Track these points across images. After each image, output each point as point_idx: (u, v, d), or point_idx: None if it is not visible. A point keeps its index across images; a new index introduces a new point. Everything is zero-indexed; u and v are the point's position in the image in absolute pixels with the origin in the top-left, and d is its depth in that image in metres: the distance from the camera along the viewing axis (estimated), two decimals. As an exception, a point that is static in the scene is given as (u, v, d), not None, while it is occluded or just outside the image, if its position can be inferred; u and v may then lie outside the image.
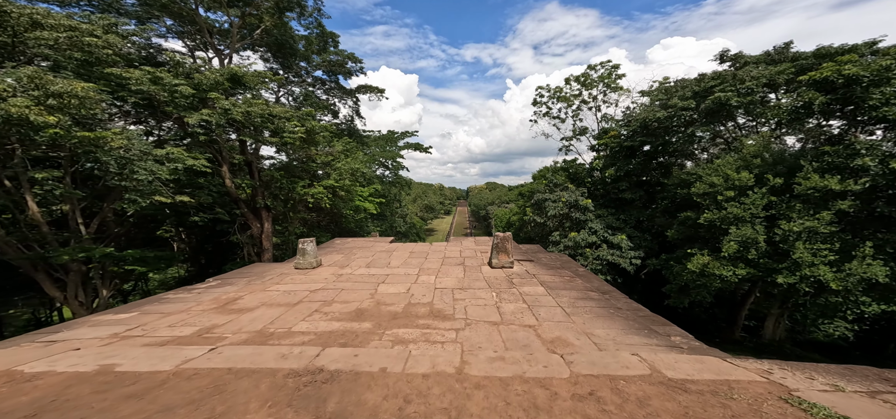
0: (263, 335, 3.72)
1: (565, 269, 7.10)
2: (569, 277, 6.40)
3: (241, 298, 4.89)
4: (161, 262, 14.54)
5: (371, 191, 26.38)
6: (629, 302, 5.14)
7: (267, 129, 12.69)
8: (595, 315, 4.58)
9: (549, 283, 6.02)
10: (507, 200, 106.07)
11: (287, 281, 5.93)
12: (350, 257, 8.09)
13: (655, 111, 15.96)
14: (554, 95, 25.58)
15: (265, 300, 4.87)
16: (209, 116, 10.48)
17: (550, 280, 6.23)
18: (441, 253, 8.72)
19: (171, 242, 19.85)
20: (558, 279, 6.29)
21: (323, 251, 8.69)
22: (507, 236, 6.97)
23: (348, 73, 26.03)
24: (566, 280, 6.26)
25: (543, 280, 6.24)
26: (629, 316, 4.55)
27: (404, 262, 7.62)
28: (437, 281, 6.18)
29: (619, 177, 18.64)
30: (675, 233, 14.74)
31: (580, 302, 5.14)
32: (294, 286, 5.62)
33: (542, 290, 5.65)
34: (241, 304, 4.62)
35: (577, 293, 5.54)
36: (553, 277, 6.41)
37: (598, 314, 4.61)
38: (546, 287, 5.84)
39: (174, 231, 18.46)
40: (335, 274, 6.50)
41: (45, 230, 11.84)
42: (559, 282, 6.09)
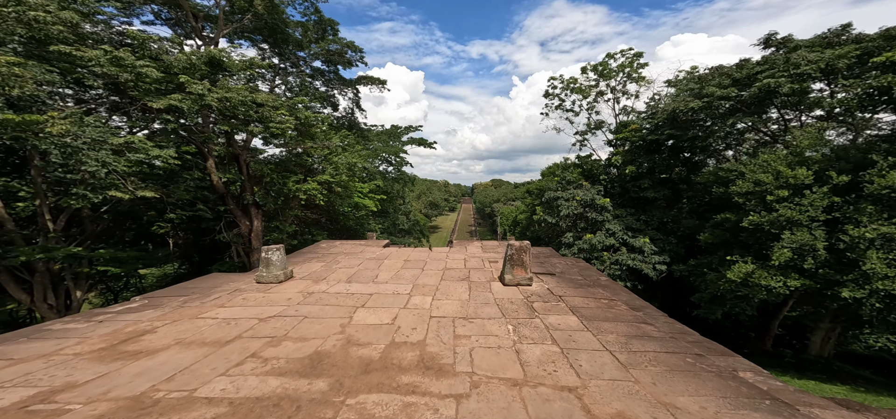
0: (139, 406, 2.31)
1: (598, 287, 5.56)
2: (607, 300, 4.87)
3: (152, 332, 3.49)
4: (138, 262, 13.41)
5: (371, 187, 25.02)
6: (709, 343, 3.60)
7: (250, 118, 11.36)
8: (667, 368, 3.05)
9: (583, 310, 4.50)
10: (513, 197, 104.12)
11: (236, 302, 4.52)
12: (331, 266, 6.68)
13: (687, 101, 14.14)
14: (567, 86, 23.78)
15: (186, 335, 3.47)
16: (179, 102, 9.16)
17: (583, 304, 4.71)
18: (441, 262, 7.25)
19: (167, 239, 18.84)
20: (593, 302, 4.77)
21: (300, 258, 7.29)
22: (524, 246, 5.45)
23: (348, 64, 24.58)
24: (604, 304, 4.72)
25: (574, 304, 4.72)
26: (722, 368, 3.01)
27: (395, 275, 6.17)
28: (435, 304, 4.71)
29: (641, 174, 16.89)
30: (708, 236, 12.99)
31: (636, 341, 3.61)
32: (241, 311, 4.20)
33: (576, 322, 4.14)
34: (145, 343, 3.22)
35: (626, 325, 4.01)
36: (586, 300, 4.88)
37: (670, 366, 3.08)
38: (580, 315, 4.33)
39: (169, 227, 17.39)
40: (304, 291, 5.08)
41: (10, 227, 10.75)
42: (596, 308, 4.56)
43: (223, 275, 5.85)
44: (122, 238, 16.83)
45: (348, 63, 24.00)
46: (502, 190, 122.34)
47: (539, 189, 38.66)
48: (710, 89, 13.53)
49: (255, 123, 11.68)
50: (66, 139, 7.29)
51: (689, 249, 15.67)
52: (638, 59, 20.38)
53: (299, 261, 7.07)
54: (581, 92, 22.80)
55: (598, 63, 21.54)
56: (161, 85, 9.50)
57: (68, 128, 7.16)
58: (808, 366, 14.28)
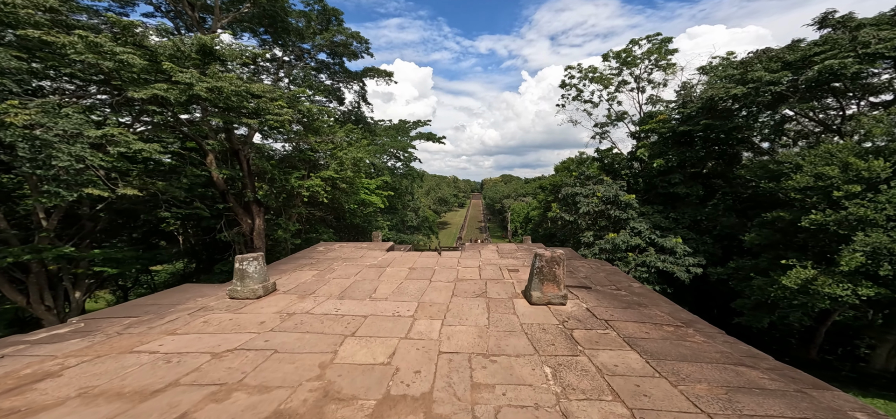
0: None
1: (650, 305, 4.39)
2: (670, 324, 3.70)
3: (55, 376, 2.56)
4: (136, 262, 12.91)
5: (379, 183, 24.15)
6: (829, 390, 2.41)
7: (245, 109, 10.53)
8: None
9: (644, 342, 3.35)
10: (523, 193, 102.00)
11: (194, 326, 3.58)
12: (323, 277, 5.71)
13: (728, 88, 12.51)
14: (586, 76, 22.17)
15: (99, 381, 2.53)
16: (165, 92, 8.37)
17: (640, 332, 3.56)
18: (452, 271, 6.18)
19: (176, 237, 18.51)
20: (654, 330, 3.61)
21: (290, 265, 6.36)
22: (556, 256, 4.32)
23: (354, 55, 23.68)
24: (669, 331, 3.56)
25: (628, 332, 3.57)
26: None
27: (397, 289, 5.15)
28: (445, 333, 3.66)
29: (671, 167, 15.34)
30: (755, 236, 11.45)
31: (743, 396, 2.47)
32: (194, 341, 3.25)
33: (640, 362, 3.01)
34: (34, 396, 2.29)
35: (717, 368, 2.86)
36: (643, 326, 3.73)
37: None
38: (641, 351, 3.19)
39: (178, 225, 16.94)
40: (283, 311, 4.11)
41: (2, 225, 10.31)
42: (661, 339, 3.41)
43: (196, 286, 4.96)
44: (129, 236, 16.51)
45: (354, 55, 23.08)
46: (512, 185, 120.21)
47: (553, 184, 37.02)
48: (757, 74, 11.87)
49: (251, 115, 10.86)
50: (36, 131, 6.55)
51: (727, 250, 14.10)
52: (666, 45, 18.62)
53: (288, 268, 6.14)
54: (601, 81, 21.16)
55: (621, 50, 19.87)
56: (148, 74, 8.75)
57: (37, 119, 6.42)
58: (870, 380, 12.57)
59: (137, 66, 8.32)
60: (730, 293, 14.52)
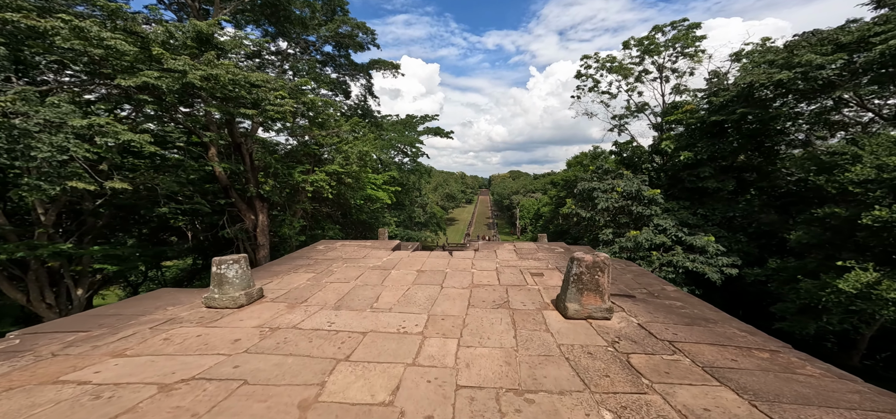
0: None
1: (719, 321, 3.50)
2: (760, 348, 2.81)
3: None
4: (139, 260, 12.58)
5: (385, 178, 23.51)
6: None
7: (243, 99, 9.91)
8: None
9: (732, 373, 2.48)
10: (532, 189, 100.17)
11: (151, 345, 2.89)
12: (320, 280, 5.00)
13: (771, 73, 11.24)
14: (604, 65, 20.91)
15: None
16: (157, 80, 7.80)
17: (722, 358, 2.69)
18: (466, 274, 5.39)
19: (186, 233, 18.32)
20: (739, 355, 2.73)
21: (285, 266, 5.68)
22: (600, 261, 3.47)
23: (359, 47, 22.98)
24: (763, 358, 2.68)
25: (706, 359, 2.70)
26: None
27: (404, 297, 4.38)
28: (463, 357, 2.87)
29: (700, 160, 14.11)
30: (801, 235, 10.26)
31: None
32: (143, 366, 2.55)
33: (738, 401, 2.15)
34: None
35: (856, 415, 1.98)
36: (719, 348, 2.85)
37: None
38: (735, 386, 2.33)
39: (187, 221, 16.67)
40: (266, 325, 3.39)
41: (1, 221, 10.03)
42: (754, 368, 2.53)
43: (172, 292, 4.31)
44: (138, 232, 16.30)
45: (359, 46, 22.39)
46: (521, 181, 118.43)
47: (565, 180, 35.77)
48: (807, 57, 10.57)
49: (251, 106, 10.24)
50: (15, 121, 6.03)
51: (764, 250, 12.86)
52: (693, 32, 17.21)
53: (281, 270, 5.46)
54: (620, 71, 19.89)
55: (643, 37, 18.55)
56: (141, 62, 8.20)
57: (16, 107, 5.90)
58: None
59: (129, 53, 7.77)
60: (762, 295, 13.30)
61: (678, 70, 17.75)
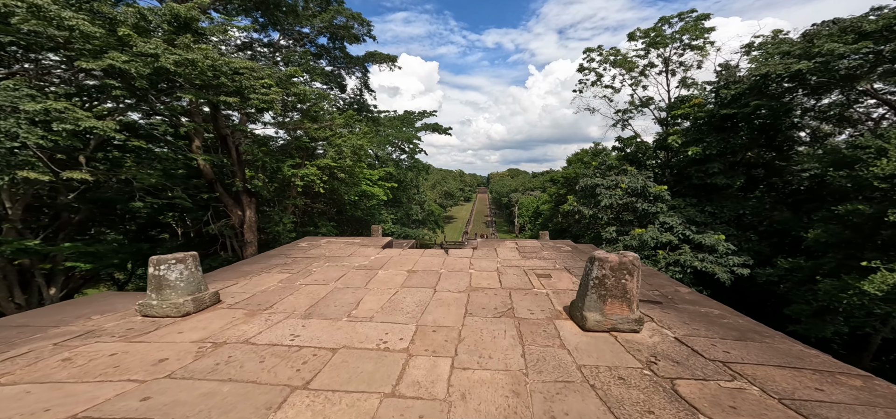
0: None
1: (765, 334, 2.86)
2: (843, 372, 2.17)
3: None
4: (116, 256, 11.84)
5: (381, 174, 22.80)
6: None
7: (224, 87, 9.17)
8: None
9: (824, 408, 1.83)
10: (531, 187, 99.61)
11: (45, 366, 2.21)
12: (294, 282, 4.33)
13: (788, 63, 10.60)
14: (607, 59, 20.25)
15: None
16: (126, 64, 7.08)
17: (802, 387, 2.03)
18: (463, 276, 4.73)
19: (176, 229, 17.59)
20: (826, 382, 2.07)
21: (258, 265, 5.01)
22: (627, 262, 2.81)
23: (355, 39, 22.22)
24: (855, 386, 2.02)
25: (780, 388, 2.04)
26: None
27: (389, 302, 3.72)
28: (457, 381, 2.21)
29: (709, 156, 13.49)
30: (820, 233, 9.67)
31: None
32: (14, 401, 1.87)
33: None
34: None
35: None
36: (792, 372, 2.20)
37: None
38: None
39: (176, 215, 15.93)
40: (208, 339, 2.72)
41: (-37, 215, 9.27)
42: (851, 401, 1.88)
43: (108, 297, 3.63)
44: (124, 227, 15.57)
45: (355, 38, 21.64)
46: (519, 180, 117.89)
47: (566, 177, 35.17)
48: (829, 46, 9.93)
49: (232, 94, 9.51)
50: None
51: (776, 249, 12.28)
52: (701, 23, 16.53)
53: (252, 270, 4.78)
54: (624, 65, 19.22)
55: (650, 28, 17.86)
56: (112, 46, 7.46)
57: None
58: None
59: (98, 36, 7.04)
60: (768, 295, 12.73)
61: (685, 63, 17.13)
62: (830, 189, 11.45)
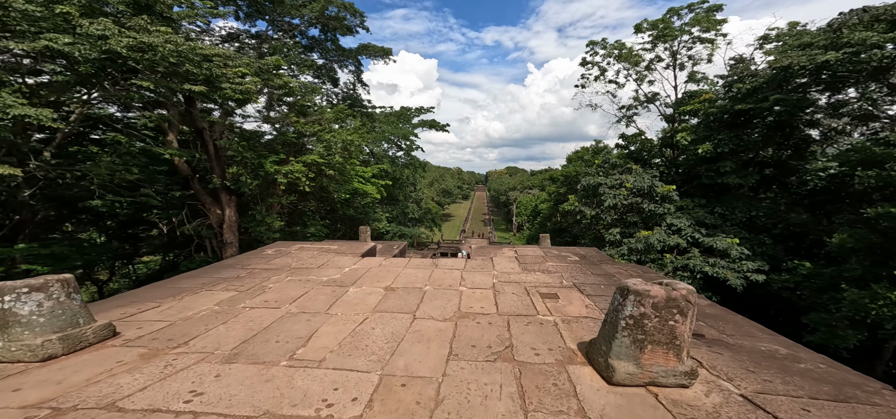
0: None
1: (860, 382, 2.03)
2: None
3: None
4: (80, 257, 10.89)
5: (375, 171, 21.87)
6: None
7: (192, 75, 8.21)
8: None
9: None
10: (529, 186, 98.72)
11: None
12: (238, 303, 3.45)
13: (813, 55, 9.76)
14: (611, 53, 19.36)
15: None
16: (68, 47, 6.15)
17: None
18: (452, 295, 3.87)
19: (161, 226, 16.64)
20: None
21: (201, 278, 4.12)
22: (678, 298, 1.94)
23: (348, 30, 21.22)
24: None
25: None
26: None
27: (352, 335, 2.85)
28: None
29: (721, 154, 12.67)
30: (846, 238, 8.87)
31: None
32: None
33: None
34: None
35: None
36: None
37: None
38: None
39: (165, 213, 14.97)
40: (55, 399, 1.84)
41: None
42: None
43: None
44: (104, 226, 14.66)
45: (348, 30, 20.64)
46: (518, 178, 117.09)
47: (566, 176, 34.36)
48: (860, 35, 9.08)
49: (200, 83, 8.56)
50: None
51: (791, 253, 11.50)
52: (714, 14, 15.61)
53: (189, 286, 3.89)
54: (629, 58, 18.33)
55: (657, 20, 16.94)
56: (59, 28, 6.52)
57: None
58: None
59: (46, 17, 6.10)
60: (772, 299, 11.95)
61: (694, 57, 16.28)
62: (849, 190, 10.69)
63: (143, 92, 8.78)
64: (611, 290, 4.06)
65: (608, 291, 4.02)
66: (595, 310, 3.45)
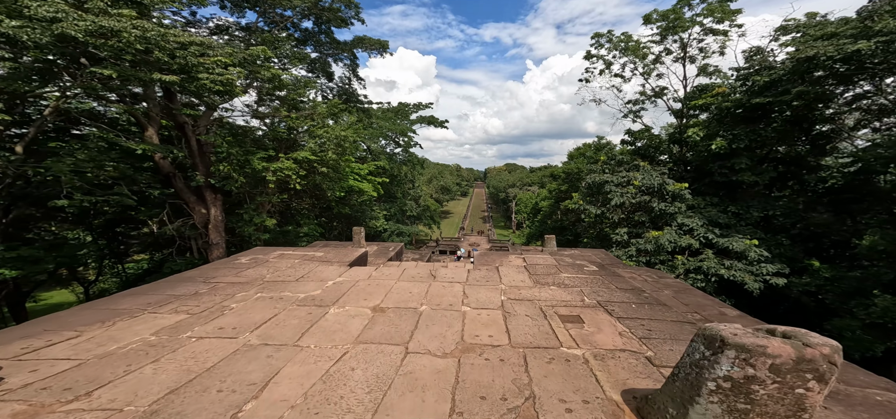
0: None
1: None
2: None
3: None
4: (52, 260, 10.15)
5: (371, 168, 21.13)
6: None
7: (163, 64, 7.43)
8: None
9: None
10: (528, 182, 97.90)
11: None
12: (189, 327, 2.77)
13: (842, 44, 9.05)
14: (617, 46, 18.59)
15: None
16: (13, 29, 5.40)
17: None
18: (453, 317, 3.18)
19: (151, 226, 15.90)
20: None
21: (152, 295, 3.44)
22: (814, 356, 1.25)
23: (342, 22, 20.34)
24: None
25: None
26: None
27: (322, 383, 2.16)
28: None
29: (736, 150, 11.97)
30: (877, 240, 8.23)
31: None
32: None
33: None
34: None
35: None
36: None
37: None
38: None
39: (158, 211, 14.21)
40: None
41: None
42: None
43: None
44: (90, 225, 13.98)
45: (342, 21, 19.77)
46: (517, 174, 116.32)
47: (567, 172, 33.64)
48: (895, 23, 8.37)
49: (173, 72, 7.79)
50: None
51: (811, 255, 10.86)
52: (727, 3, 14.79)
53: (133, 306, 3.19)
54: (636, 51, 17.57)
55: (668, 10, 16.14)
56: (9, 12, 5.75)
57: None
58: None
59: None
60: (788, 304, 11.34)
61: (705, 49, 15.54)
62: (873, 188, 10.06)
63: (112, 83, 8.00)
64: (645, 311, 3.39)
65: (642, 313, 3.34)
66: (633, 341, 2.77)
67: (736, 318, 4.20)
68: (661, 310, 3.45)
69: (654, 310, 3.40)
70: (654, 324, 3.11)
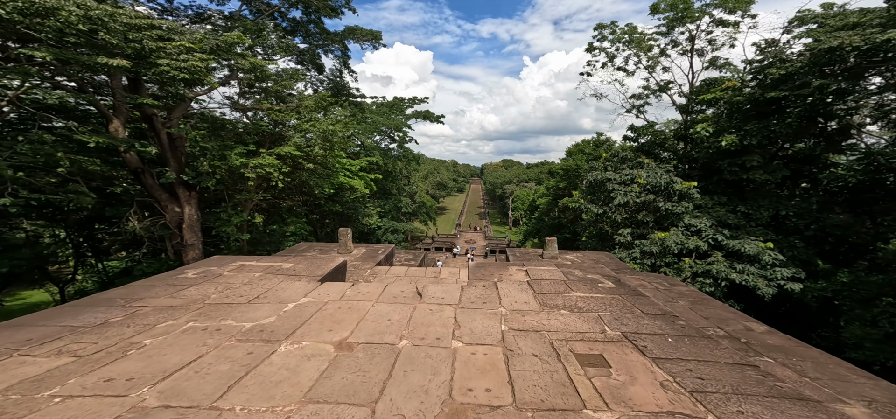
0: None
1: None
2: None
3: None
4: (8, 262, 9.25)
5: (363, 164, 20.22)
6: None
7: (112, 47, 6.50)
8: None
9: None
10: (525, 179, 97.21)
11: None
12: (54, 382, 2.00)
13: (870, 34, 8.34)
14: (620, 38, 17.83)
15: None
16: None
17: None
18: (441, 355, 2.41)
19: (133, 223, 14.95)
20: None
21: (38, 326, 2.60)
22: None
23: (332, 11, 19.34)
24: None
25: None
26: None
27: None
28: None
29: (747, 147, 11.29)
30: (905, 245, 7.61)
31: None
32: None
33: None
34: None
35: None
36: None
37: None
38: None
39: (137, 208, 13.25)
40: None
41: None
42: None
43: None
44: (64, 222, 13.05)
45: (332, 11, 18.76)
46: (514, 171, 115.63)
47: (566, 169, 32.95)
48: None
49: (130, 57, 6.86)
50: None
51: (827, 258, 10.26)
52: None
53: (11, 339, 2.37)
54: (640, 44, 16.83)
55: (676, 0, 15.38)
56: None
57: None
58: None
59: None
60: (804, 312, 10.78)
61: (714, 41, 14.83)
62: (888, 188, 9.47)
63: (51, 68, 7.05)
64: (686, 348, 2.64)
65: (683, 349, 2.59)
66: (683, 397, 2.01)
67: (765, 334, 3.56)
68: (707, 345, 2.70)
69: (698, 347, 2.65)
70: (705, 368, 2.36)
